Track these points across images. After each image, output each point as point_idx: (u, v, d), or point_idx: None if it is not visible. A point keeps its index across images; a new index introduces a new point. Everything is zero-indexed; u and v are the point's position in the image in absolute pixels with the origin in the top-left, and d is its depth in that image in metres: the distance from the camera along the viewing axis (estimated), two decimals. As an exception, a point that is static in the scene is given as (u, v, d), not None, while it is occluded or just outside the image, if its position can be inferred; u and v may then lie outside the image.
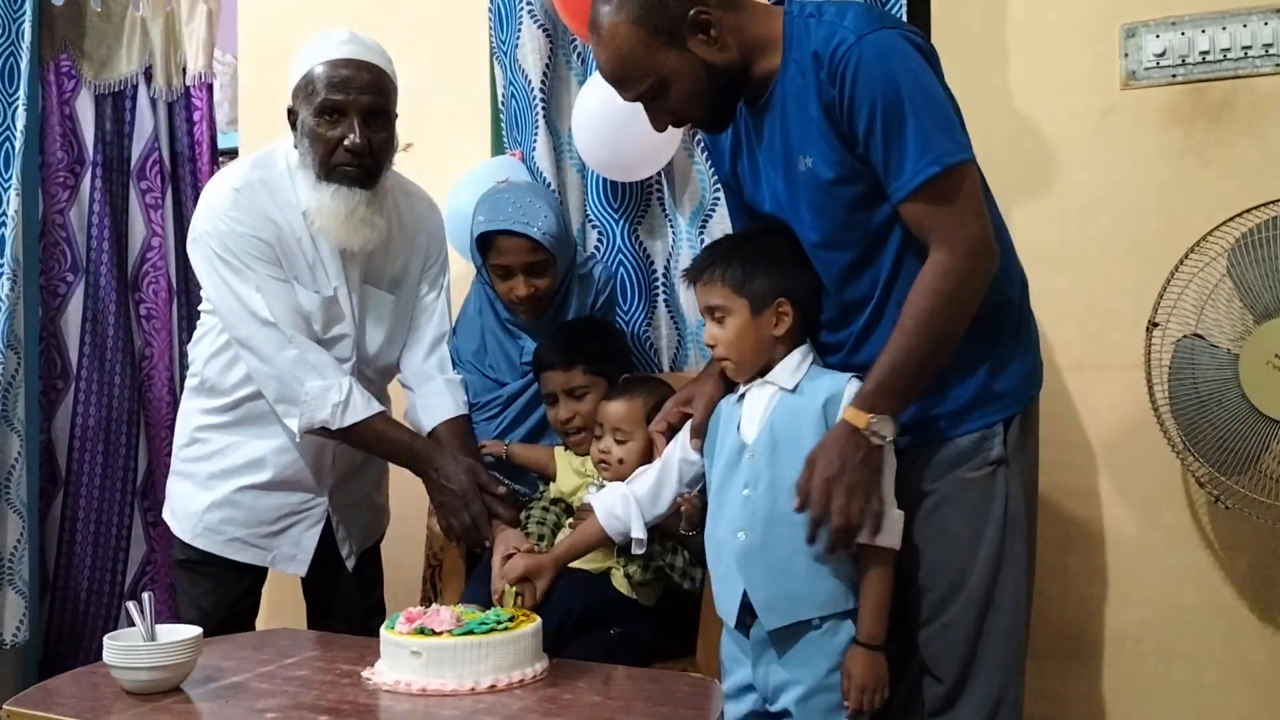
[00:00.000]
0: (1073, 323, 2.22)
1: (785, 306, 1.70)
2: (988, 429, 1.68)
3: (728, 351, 1.72)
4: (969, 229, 1.57)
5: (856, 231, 1.66)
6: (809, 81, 1.61)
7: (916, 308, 1.58)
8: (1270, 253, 1.90)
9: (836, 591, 1.65)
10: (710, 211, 2.36)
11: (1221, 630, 2.14)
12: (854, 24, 1.58)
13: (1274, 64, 2.09)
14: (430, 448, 2.09)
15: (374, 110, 2.01)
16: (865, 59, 1.54)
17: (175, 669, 1.62)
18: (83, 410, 3.15)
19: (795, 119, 1.65)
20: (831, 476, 1.57)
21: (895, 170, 1.57)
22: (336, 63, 1.99)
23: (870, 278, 1.68)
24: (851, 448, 1.58)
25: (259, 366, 2.04)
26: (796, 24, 1.64)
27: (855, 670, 1.63)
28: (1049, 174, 2.25)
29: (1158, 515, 2.19)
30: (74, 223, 3.16)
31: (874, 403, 1.59)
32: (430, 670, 1.59)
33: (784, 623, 1.65)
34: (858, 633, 1.65)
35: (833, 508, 1.58)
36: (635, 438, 1.98)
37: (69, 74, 3.16)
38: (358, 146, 1.98)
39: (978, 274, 1.59)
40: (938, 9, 2.33)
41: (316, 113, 1.99)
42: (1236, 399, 1.91)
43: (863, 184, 1.62)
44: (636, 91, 1.67)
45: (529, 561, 1.87)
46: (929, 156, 1.55)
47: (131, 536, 3.22)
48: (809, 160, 1.64)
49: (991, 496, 1.68)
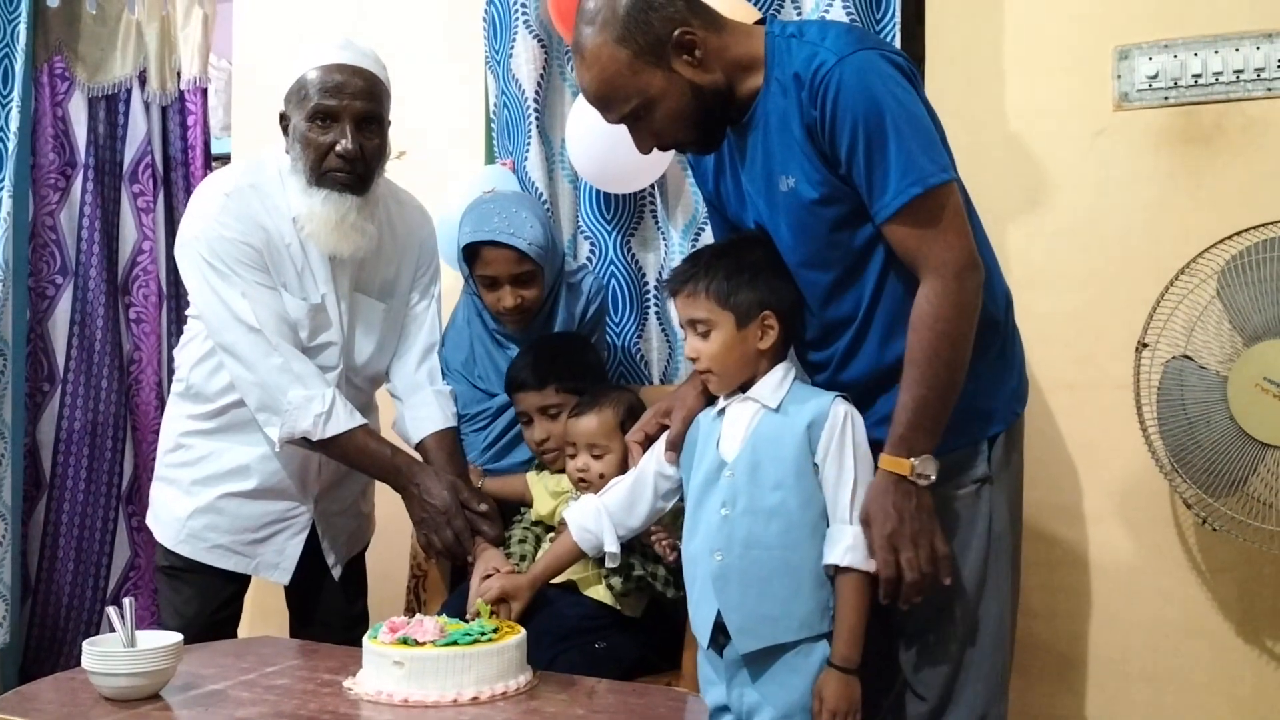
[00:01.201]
0: (1062, 342, 2.22)
1: (771, 319, 1.69)
2: (972, 446, 1.68)
3: (711, 365, 1.70)
4: (954, 250, 1.57)
5: (839, 251, 1.65)
6: (791, 101, 1.61)
7: (924, 340, 1.57)
8: (1260, 275, 1.91)
9: (812, 615, 1.64)
10: (703, 224, 2.36)
11: (1207, 652, 2.14)
12: (835, 45, 1.58)
13: (1265, 88, 2.10)
14: (412, 463, 2.08)
15: (367, 116, 2.01)
16: (846, 80, 1.55)
17: (154, 675, 1.61)
18: (69, 413, 3.14)
19: (777, 139, 1.65)
20: (892, 532, 1.56)
21: (878, 191, 1.57)
22: (330, 68, 1.99)
23: (853, 297, 1.68)
24: (902, 496, 1.57)
25: (242, 374, 2.03)
26: (778, 44, 1.64)
27: (827, 694, 1.61)
28: (1041, 194, 2.25)
29: (1144, 536, 2.19)
30: (64, 225, 3.15)
31: (910, 445, 1.58)
32: (413, 681, 1.57)
33: (758, 646, 1.64)
34: (831, 655, 1.63)
35: (902, 563, 1.56)
36: (612, 450, 1.96)
37: (63, 76, 3.16)
38: (350, 152, 1.98)
39: (970, 291, 1.59)
40: (931, 30, 2.34)
41: (309, 117, 1.98)
42: (1225, 421, 1.92)
43: (845, 204, 1.62)
44: (620, 113, 1.66)
45: (506, 582, 1.85)
46: (910, 177, 1.55)
47: (115, 542, 3.20)
48: (791, 180, 1.64)
49: (976, 514, 1.68)
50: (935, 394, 1.58)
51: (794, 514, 1.63)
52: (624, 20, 1.60)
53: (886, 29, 2.22)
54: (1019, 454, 1.77)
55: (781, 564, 1.62)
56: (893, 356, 1.66)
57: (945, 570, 1.60)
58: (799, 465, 1.64)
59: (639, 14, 1.60)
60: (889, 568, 1.58)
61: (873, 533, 1.59)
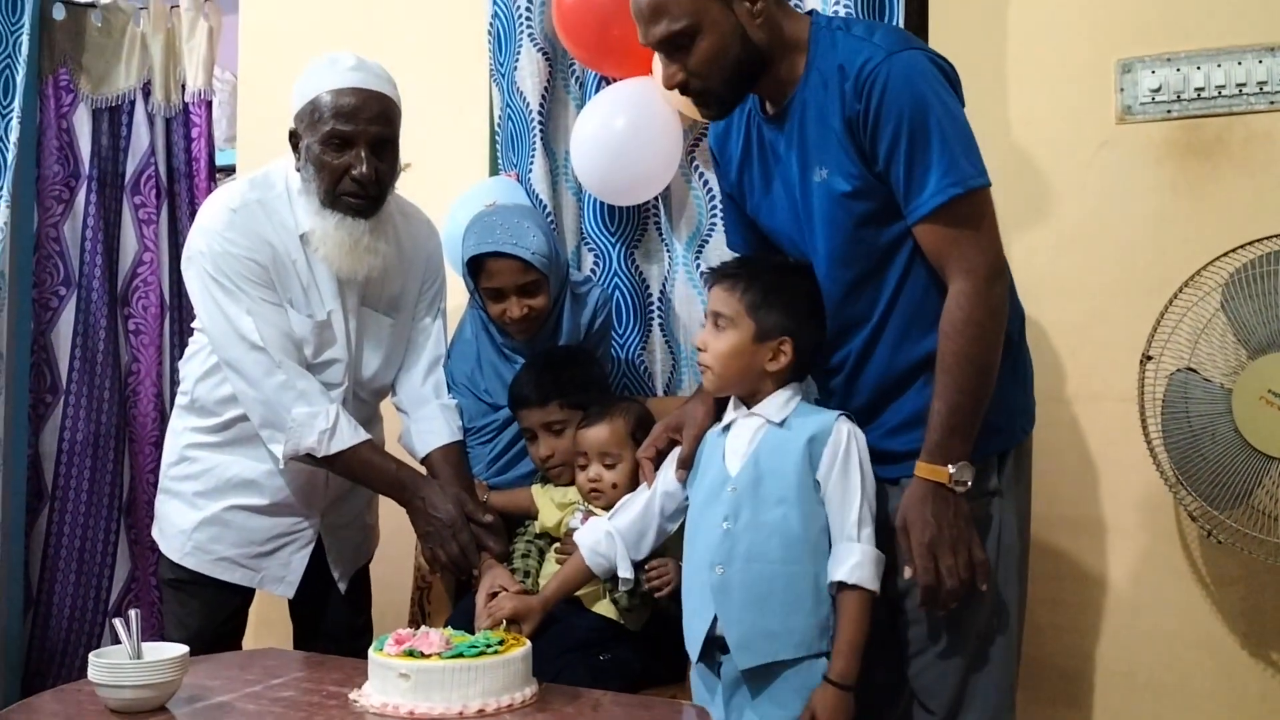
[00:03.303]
0: (1066, 354, 2.22)
1: (787, 346, 1.69)
2: (983, 459, 1.68)
3: (714, 362, 1.71)
4: (986, 254, 1.58)
5: (863, 247, 1.66)
6: (832, 94, 1.61)
7: (956, 346, 1.57)
8: (1264, 288, 1.92)
9: (810, 632, 1.64)
10: (707, 237, 2.36)
11: (1212, 664, 2.14)
12: (884, 41, 1.59)
13: (1268, 102, 2.11)
14: (416, 477, 2.08)
15: (381, 140, 2.01)
16: (893, 77, 1.55)
17: (161, 688, 1.60)
18: (70, 425, 3.13)
19: (814, 130, 1.65)
20: (932, 539, 1.57)
21: (916, 189, 1.57)
22: (344, 91, 1.98)
23: (871, 296, 1.68)
24: (940, 503, 1.58)
25: (246, 390, 2.03)
26: (823, 35, 1.65)
27: (821, 710, 1.60)
28: (1044, 206, 2.26)
29: (1149, 549, 2.19)
30: (67, 236, 3.16)
31: (947, 452, 1.58)
32: (418, 693, 1.57)
33: (757, 662, 1.64)
34: (829, 670, 1.62)
35: (941, 570, 1.57)
36: (624, 459, 1.96)
37: (67, 88, 3.17)
38: (365, 177, 1.98)
39: (999, 296, 1.60)
40: (934, 42, 2.34)
41: (323, 141, 1.97)
42: (1229, 433, 1.92)
43: (876, 200, 1.62)
44: (668, 29, 1.62)
45: (517, 604, 1.84)
46: (952, 177, 1.55)
47: (118, 554, 3.19)
48: (824, 172, 1.65)
49: (985, 528, 1.67)
50: (969, 399, 1.58)
51: (795, 530, 1.64)
52: None
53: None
54: (1028, 470, 1.77)
55: (782, 579, 1.63)
56: (904, 362, 1.67)
57: (983, 576, 1.60)
58: (801, 481, 1.65)
59: None
60: (928, 574, 1.57)
61: (911, 540, 1.58)
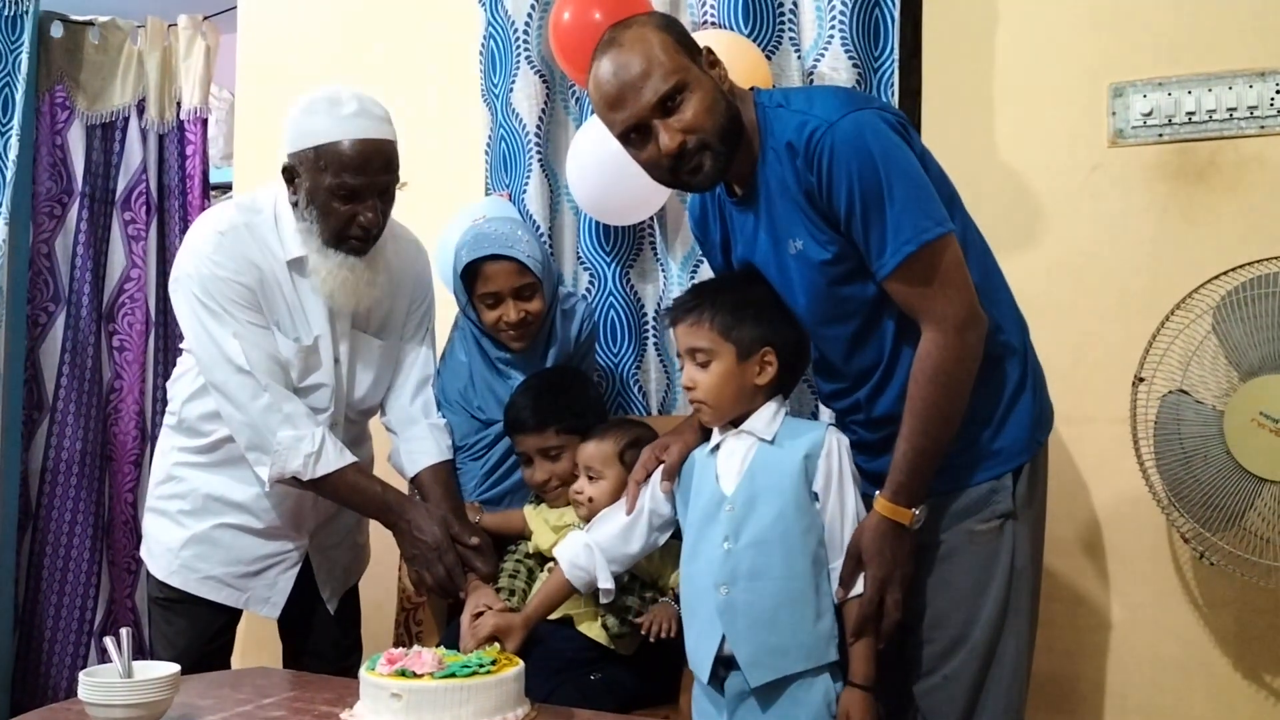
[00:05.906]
0: (1058, 376, 2.20)
1: (770, 356, 1.70)
2: (997, 480, 1.68)
3: (707, 396, 1.71)
4: (954, 304, 1.59)
5: (853, 304, 1.67)
6: (787, 169, 1.64)
7: (925, 393, 1.60)
8: (1255, 311, 1.93)
9: (818, 644, 1.65)
10: (701, 258, 2.37)
11: (1205, 686, 2.14)
12: (823, 110, 1.61)
13: (1258, 126, 2.13)
14: (402, 499, 2.08)
15: (387, 187, 2.02)
16: (838, 145, 1.57)
17: (151, 707, 1.59)
18: (57, 443, 3.11)
19: (780, 204, 1.67)
20: (886, 577, 1.62)
21: (877, 250, 1.59)
22: (351, 144, 1.95)
23: (875, 347, 1.69)
24: (896, 542, 1.63)
25: (232, 413, 2.03)
26: (769, 114, 1.68)
27: (854, 712, 1.62)
28: (1036, 229, 2.27)
29: (1142, 570, 2.19)
30: (58, 253, 3.15)
31: (911, 495, 1.62)
32: (411, 713, 1.55)
33: (770, 678, 1.64)
34: (852, 674, 1.64)
35: (888, 603, 1.63)
36: (606, 476, 1.96)
37: (63, 105, 3.17)
38: (371, 224, 2.00)
39: (972, 345, 1.61)
40: (928, 65, 2.36)
41: (330, 190, 1.96)
42: (1221, 455, 1.92)
43: (853, 261, 1.64)
44: (658, 91, 1.62)
45: (498, 621, 1.85)
46: (906, 233, 1.57)
47: (102, 573, 3.17)
48: (799, 243, 1.67)
49: (999, 550, 1.68)
50: (933, 444, 1.62)
51: (796, 544, 1.65)
52: (662, 20, 1.70)
53: (884, 64, 2.25)
54: (1043, 486, 1.76)
55: (786, 594, 1.63)
56: None
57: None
58: (797, 495, 1.66)
59: (675, 23, 1.70)
60: (872, 605, 1.63)
61: (868, 574, 1.63)
